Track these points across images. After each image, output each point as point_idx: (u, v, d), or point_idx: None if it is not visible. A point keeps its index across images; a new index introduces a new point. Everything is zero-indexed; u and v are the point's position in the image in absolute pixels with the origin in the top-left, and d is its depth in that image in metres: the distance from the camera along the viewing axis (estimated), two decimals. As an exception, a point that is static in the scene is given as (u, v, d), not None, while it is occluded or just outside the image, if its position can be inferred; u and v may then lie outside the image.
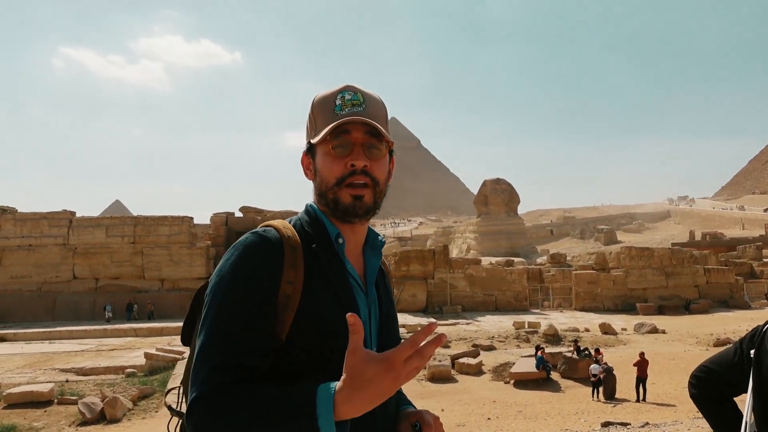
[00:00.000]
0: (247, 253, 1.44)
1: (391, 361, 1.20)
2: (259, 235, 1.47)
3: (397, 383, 1.20)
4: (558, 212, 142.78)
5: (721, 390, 2.25)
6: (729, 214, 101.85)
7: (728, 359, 2.23)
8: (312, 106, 1.58)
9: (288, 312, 1.41)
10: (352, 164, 1.50)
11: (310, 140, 1.57)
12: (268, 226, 1.53)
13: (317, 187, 1.57)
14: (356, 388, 1.20)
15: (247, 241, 1.46)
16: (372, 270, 1.63)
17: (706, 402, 2.29)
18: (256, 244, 1.45)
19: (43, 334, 27.79)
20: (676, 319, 30.93)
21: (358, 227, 1.58)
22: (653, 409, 14.44)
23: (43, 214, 36.68)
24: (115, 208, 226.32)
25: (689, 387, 2.35)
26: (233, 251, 1.46)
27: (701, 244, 56.13)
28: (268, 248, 1.44)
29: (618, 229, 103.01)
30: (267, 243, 1.45)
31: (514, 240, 71.29)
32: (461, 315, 32.65)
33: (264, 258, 1.43)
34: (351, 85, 1.56)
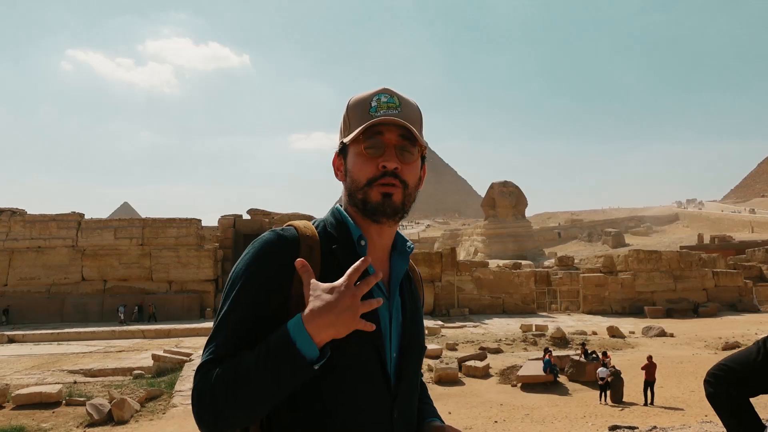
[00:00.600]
0: (262, 249, 1.48)
1: (345, 281, 1.34)
2: (276, 233, 1.51)
3: (355, 302, 1.32)
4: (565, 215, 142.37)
5: (740, 390, 2.21)
6: (738, 217, 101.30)
7: (751, 358, 2.20)
8: (347, 107, 1.58)
9: (301, 310, 1.37)
10: (383, 165, 1.50)
11: (342, 140, 1.57)
12: (289, 224, 1.56)
13: (347, 188, 1.57)
14: (318, 305, 1.32)
15: (264, 238, 1.50)
16: (397, 276, 1.61)
17: (722, 401, 2.24)
18: (272, 242, 1.49)
19: (51, 336, 27.94)
20: (685, 322, 30.78)
21: (386, 230, 1.57)
22: (661, 413, 14.37)
23: (52, 216, 36.90)
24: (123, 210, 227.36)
25: (706, 385, 2.31)
26: (251, 247, 1.50)
27: (710, 248, 55.84)
28: (284, 246, 1.48)
29: (626, 232, 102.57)
30: (283, 241, 1.49)
31: (521, 243, 71.13)
32: (468, 318, 32.61)
33: (278, 255, 1.47)
34: (388, 89, 1.56)
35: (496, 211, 73.36)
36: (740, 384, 2.20)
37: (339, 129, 1.60)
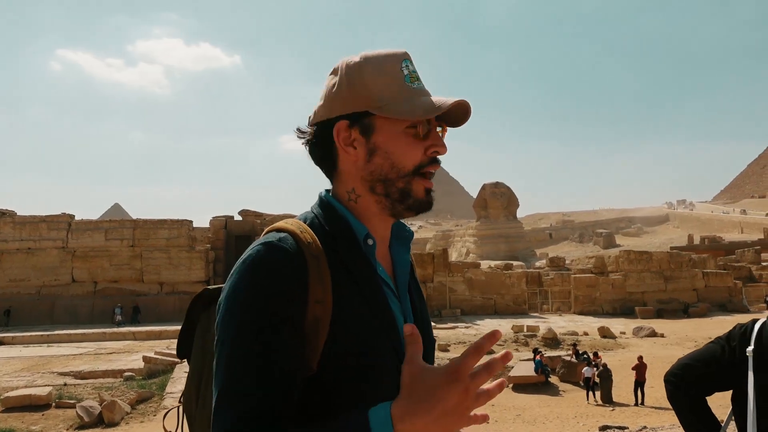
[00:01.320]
0: (261, 271, 1.14)
1: (457, 370, 0.97)
2: (272, 246, 1.17)
3: (465, 401, 0.97)
4: (557, 216, 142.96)
5: (700, 388, 2.25)
6: (727, 218, 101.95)
7: (714, 357, 2.24)
8: (361, 68, 1.27)
9: (319, 336, 1.15)
10: (435, 151, 1.28)
11: (363, 110, 1.26)
12: (281, 230, 1.21)
13: (378, 172, 1.27)
14: (416, 400, 0.98)
15: (259, 256, 1.16)
16: (402, 269, 1.39)
17: (682, 400, 2.27)
18: (271, 259, 1.15)
19: (41, 338, 27.77)
20: (675, 322, 30.94)
21: (388, 221, 1.35)
22: (652, 413, 14.44)
23: (42, 217, 36.71)
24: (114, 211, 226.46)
25: (666, 384, 2.34)
26: (242, 270, 1.16)
27: (700, 248, 56.18)
28: (287, 263, 1.15)
29: (617, 232, 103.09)
30: (284, 256, 1.16)
31: (513, 244, 71.32)
32: (460, 319, 32.66)
33: (283, 276, 1.14)
34: (408, 54, 1.33)
35: (488, 212, 73.53)
36: (700, 382, 2.24)
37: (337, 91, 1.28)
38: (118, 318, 32.60)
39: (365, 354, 1.18)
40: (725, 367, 2.19)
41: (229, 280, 1.18)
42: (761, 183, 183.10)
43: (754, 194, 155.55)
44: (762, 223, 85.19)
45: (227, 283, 1.18)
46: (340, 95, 1.27)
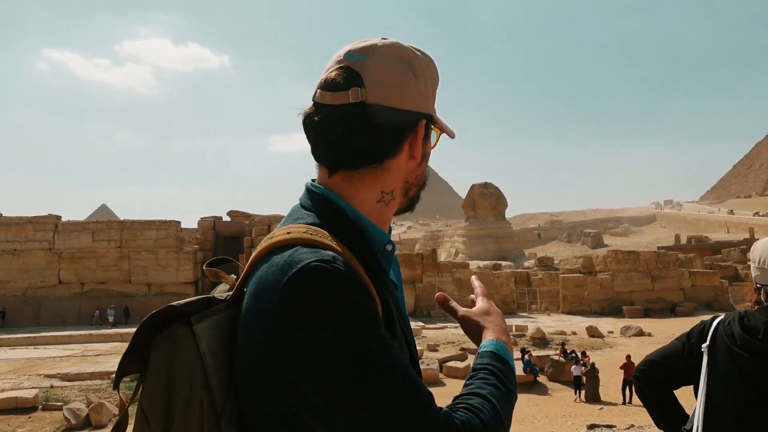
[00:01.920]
0: (344, 289, 0.98)
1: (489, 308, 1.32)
2: (332, 260, 1.01)
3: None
4: (545, 216, 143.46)
5: (665, 383, 2.35)
6: (714, 218, 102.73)
7: (675, 353, 2.33)
8: (425, 62, 1.20)
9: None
10: None
11: (429, 113, 1.20)
12: (313, 244, 1.05)
13: (414, 177, 1.23)
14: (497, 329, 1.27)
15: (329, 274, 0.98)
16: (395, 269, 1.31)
17: (650, 394, 2.38)
18: (343, 275, 1.00)
19: (27, 340, 27.54)
20: (662, 321, 31.14)
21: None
22: (639, 411, 14.52)
23: (28, 219, 36.42)
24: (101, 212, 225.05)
25: (634, 380, 2.43)
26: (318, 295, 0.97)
27: (686, 248, 56.56)
28: (356, 276, 1.03)
29: (605, 232, 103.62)
30: (351, 272, 1.02)
31: (501, 244, 71.52)
32: (449, 319, 32.68)
33: (364, 288, 1.03)
34: None
35: (477, 212, 73.69)
36: (664, 378, 2.34)
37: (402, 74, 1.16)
38: (110, 319, 32.38)
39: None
40: (683, 363, 2.28)
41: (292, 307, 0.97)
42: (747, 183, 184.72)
43: (740, 194, 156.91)
44: (748, 222, 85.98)
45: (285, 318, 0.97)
46: (419, 89, 1.17)
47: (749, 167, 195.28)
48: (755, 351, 2.10)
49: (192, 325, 1.05)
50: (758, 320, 2.16)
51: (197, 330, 1.05)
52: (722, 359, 2.17)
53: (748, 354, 2.11)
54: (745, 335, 2.14)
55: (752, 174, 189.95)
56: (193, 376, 1.04)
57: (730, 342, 2.17)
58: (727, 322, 2.24)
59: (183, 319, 1.07)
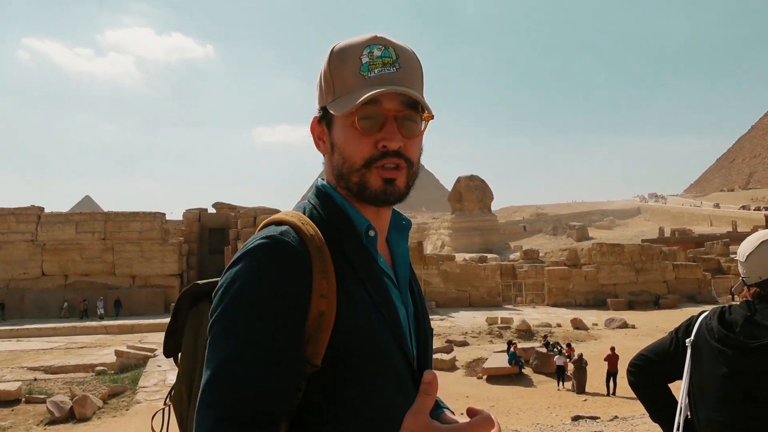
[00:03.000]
0: (265, 263, 1.09)
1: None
2: (276, 239, 1.11)
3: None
4: (531, 209, 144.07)
5: (657, 377, 2.39)
6: (697, 211, 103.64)
7: (665, 348, 2.37)
8: (329, 60, 1.23)
9: (323, 331, 1.10)
10: (383, 145, 1.20)
11: (324, 105, 1.25)
12: (281, 222, 1.17)
13: (336, 166, 1.24)
14: None
15: (263, 247, 1.11)
16: (403, 260, 1.34)
17: (643, 389, 2.44)
18: (276, 252, 1.10)
19: (10, 332, 27.29)
20: (646, 314, 31.43)
21: (384, 211, 1.29)
22: (623, 403, 14.67)
23: (10, 210, 36.03)
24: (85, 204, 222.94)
25: (627, 375, 2.49)
26: (245, 261, 1.10)
27: (670, 241, 57.08)
28: (292, 255, 1.10)
29: (590, 225, 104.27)
30: (288, 248, 1.11)
31: (487, 236, 71.73)
32: (435, 311, 32.79)
33: (289, 269, 1.09)
34: (380, 37, 1.23)
35: (463, 204, 73.80)
36: (656, 372, 2.39)
37: (317, 85, 1.27)
38: (101, 311, 32.13)
39: (371, 350, 1.14)
40: (672, 358, 2.32)
41: (229, 270, 1.11)
42: (730, 177, 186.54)
43: (724, 188, 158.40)
44: (731, 215, 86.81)
45: (225, 273, 1.12)
46: (319, 88, 1.26)
47: (732, 161, 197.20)
48: (732, 344, 2.13)
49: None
50: (738, 314, 2.18)
51: None
52: (704, 354, 2.21)
53: (726, 347, 2.14)
54: (722, 329, 2.17)
55: (735, 167, 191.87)
56: None
57: (709, 336, 2.20)
58: (709, 317, 2.27)
59: (208, 297, 1.28)
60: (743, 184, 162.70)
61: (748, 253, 2.26)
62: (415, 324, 1.32)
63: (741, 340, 2.11)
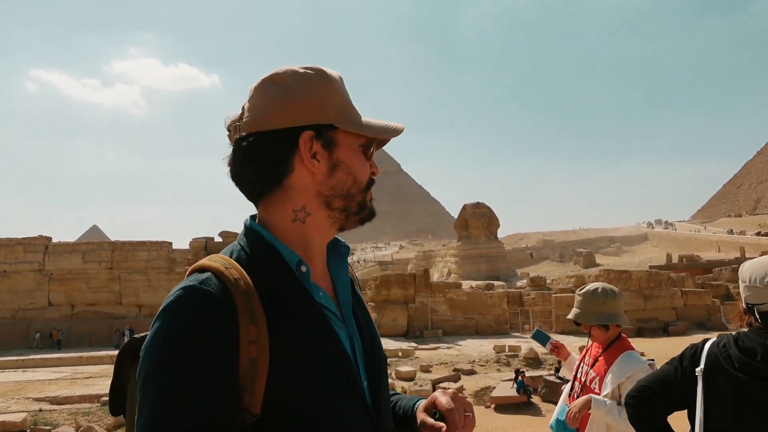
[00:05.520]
0: (182, 319, 1.06)
1: None
2: (193, 289, 1.08)
3: None
4: (537, 236, 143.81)
5: (659, 409, 2.32)
6: (705, 237, 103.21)
7: (668, 378, 2.30)
8: (311, 78, 1.23)
9: (257, 378, 1.07)
10: (373, 172, 1.30)
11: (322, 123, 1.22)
12: (203, 269, 1.14)
13: (340, 185, 1.24)
14: None
15: (181, 301, 1.08)
16: (344, 288, 1.33)
17: (643, 423, 2.36)
18: (193, 305, 1.07)
19: (16, 363, 27.23)
20: (655, 341, 31.10)
21: (328, 238, 1.33)
22: None
23: (18, 240, 36.18)
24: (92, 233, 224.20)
25: (626, 407, 2.42)
26: (164, 317, 1.07)
27: (678, 267, 56.77)
28: (211, 306, 1.07)
29: (597, 252, 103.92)
30: (209, 298, 1.08)
31: (494, 263, 71.52)
32: (442, 339, 32.59)
33: (208, 321, 1.06)
34: None
35: (469, 232, 73.74)
36: (657, 403, 2.32)
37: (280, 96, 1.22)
38: (125, 337, 32.01)
39: (314, 390, 1.11)
40: (678, 388, 2.26)
41: (153, 327, 1.08)
42: (737, 202, 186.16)
43: (731, 213, 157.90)
44: (738, 241, 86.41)
45: (150, 330, 1.09)
46: (294, 105, 1.20)
47: (739, 186, 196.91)
48: (755, 374, 2.07)
49: None
50: (753, 342, 2.12)
51: None
52: (720, 383, 2.14)
53: (747, 377, 2.07)
54: (743, 357, 2.10)
55: (742, 193, 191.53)
56: None
57: (727, 365, 2.14)
58: (722, 344, 2.20)
59: None
60: (750, 210, 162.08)
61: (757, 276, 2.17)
62: (363, 354, 1.29)
63: (765, 369, 2.05)
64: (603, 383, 3.61)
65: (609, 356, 3.76)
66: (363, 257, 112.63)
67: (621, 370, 3.59)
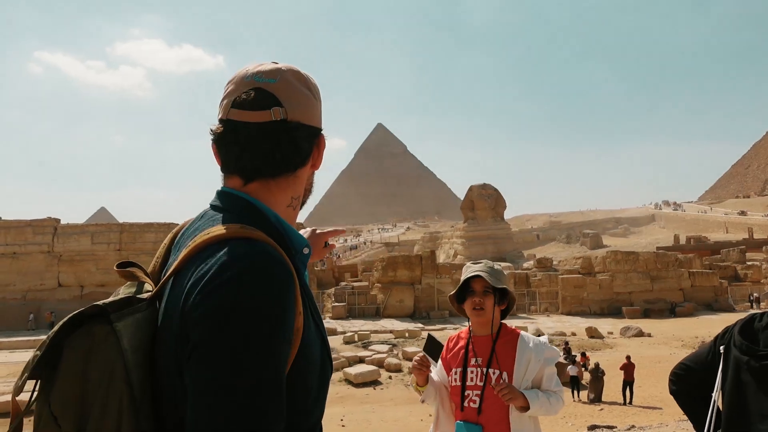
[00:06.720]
0: (272, 282, 1.07)
1: None
2: (271, 255, 1.11)
3: None
4: (544, 217, 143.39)
5: (698, 386, 2.35)
6: (713, 218, 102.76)
7: (703, 357, 2.35)
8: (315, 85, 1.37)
9: (294, 348, 1.12)
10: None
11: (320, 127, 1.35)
12: (256, 239, 1.14)
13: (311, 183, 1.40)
14: None
15: (262, 259, 1.09)
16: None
17: (685, 398, 2.42)
18: (274, 265, 1.10)
19: (27, 343, 27.51)
20: (662, 322, 31.14)
21: None
22: (639, 412, 14.53)
23: (27, 222, 36.42)
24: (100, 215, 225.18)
25: (669, 384, 2.47)
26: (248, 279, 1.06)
27: (686, 248, 56.63)
28: (288, 273, 1.11)
29: (604, 233, 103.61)
30: (282, 263, 1.12)
31: (500, 245, 71.49)
32: (448, 320, 32.70)
33: (289, 287, 1.10)
34: None
35: (476, 213, 73.66)
36: (697, 381, 2.36)
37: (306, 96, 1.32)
38: None
39: (317, 360, 1.22)
40: (710, 367, 2.29)
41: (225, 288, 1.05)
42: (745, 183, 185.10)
43: (739, 194, 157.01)
44: (746, 222, 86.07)
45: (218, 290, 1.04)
46: (314, 107, 1.33)
47: (747, 167, 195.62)
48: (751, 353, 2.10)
49: (113, 323, 1.10)
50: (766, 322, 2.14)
51: (119, 327, 1.10)
52: (731, 362, 2.18)
53: (746, 356, 2.11)
54: (743, 340, 2.14)
55: (750, 174, 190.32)
56: (112, 373, 1.07)
57: (734, 345, 2.18)
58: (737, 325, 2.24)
59: (100, 318, 1.10)
60: (759, 191, 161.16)
61: None
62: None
63: (756, 349, 2.08)
64: (515, 377, 2.87)
65: (505, 342, 3.04)
66: (369, 239, 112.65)
67: (539, 352, 2.95)
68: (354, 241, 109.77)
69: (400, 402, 15.84)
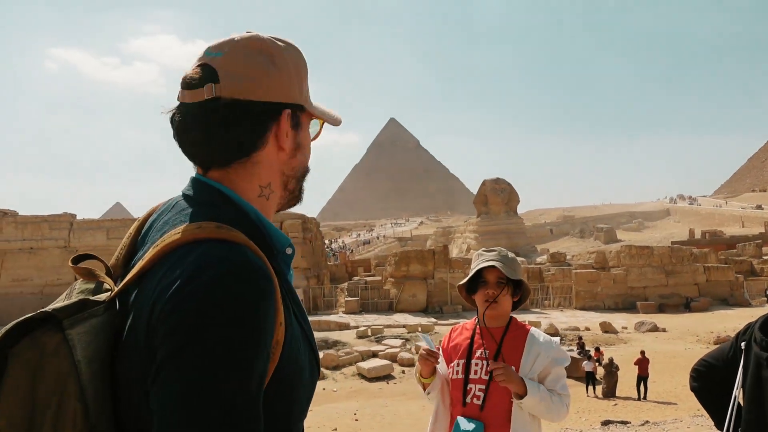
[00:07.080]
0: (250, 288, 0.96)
1: None
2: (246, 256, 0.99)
3: None
4: (557, 212, 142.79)
5: (719, 383, 2.33)
6: (728, 212, 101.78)
7: (724, 353, 2.34)
8: (284, 50, 1.18)
9: (273, 361, 1.01)
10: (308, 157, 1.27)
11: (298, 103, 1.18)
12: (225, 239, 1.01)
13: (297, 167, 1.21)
14: None
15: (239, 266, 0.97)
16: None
17: (706, 394, 2.41)
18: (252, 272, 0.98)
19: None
20: (677, 317, 30.96)
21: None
22: (654, 408, 14.48)
23: (43, 217, 36.81)
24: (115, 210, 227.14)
25: (690, 380, 2.46)
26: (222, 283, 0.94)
27: (701, 243, 56.19)
28: (267, 277, 1.00)
29: (618, 227, 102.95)
30: (262, 268, 1.00)
31: (514, 239, 71.24)
32: (461, 315, 32.66)
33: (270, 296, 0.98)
34: None
35: (489, 208, 73.44)
36: (719, 377, 2.34)
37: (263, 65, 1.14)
38: None
39: (302, 369, 1.09)
40: (731, 363, 2.28)
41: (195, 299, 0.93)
42: (762, 177, 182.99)
43: (755, 188, 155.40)
44: (763, 217, 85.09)
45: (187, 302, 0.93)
46: (280, 80, 1.14)
47: (764, 161, 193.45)
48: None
49: (65, 330, 0.96)
50: None
51: (71, 335, 0.96)
52: (752, 359, 2.16)
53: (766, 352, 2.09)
54: (763, 336, 2.12)
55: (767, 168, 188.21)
56: (64, 388, 0.94)
57: (754, 342, 2.16)
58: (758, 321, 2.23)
59: (49, 325, 0.97)
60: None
61: None
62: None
63: None
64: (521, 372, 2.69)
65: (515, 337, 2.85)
66: (382, 233, 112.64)
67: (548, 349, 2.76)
68: (367, 235, 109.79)
69: (413, 396, 15.88)
